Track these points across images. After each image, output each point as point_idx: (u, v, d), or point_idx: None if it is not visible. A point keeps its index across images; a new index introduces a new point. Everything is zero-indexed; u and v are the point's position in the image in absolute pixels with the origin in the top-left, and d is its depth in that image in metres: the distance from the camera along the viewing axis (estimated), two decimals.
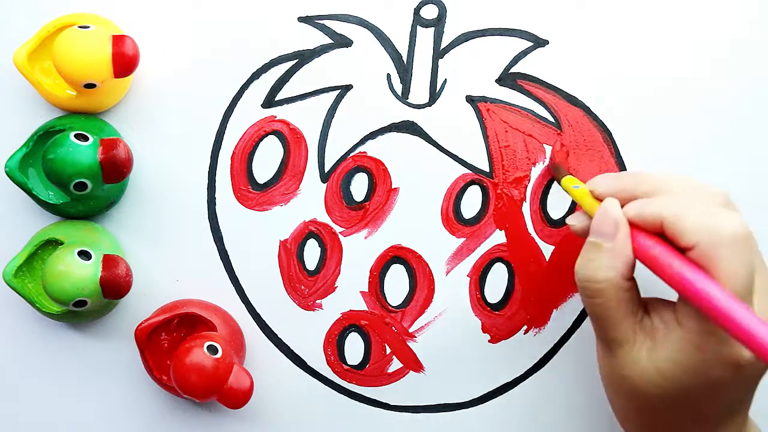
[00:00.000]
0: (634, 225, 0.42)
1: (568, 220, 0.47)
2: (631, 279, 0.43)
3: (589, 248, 0.43)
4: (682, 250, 0.40)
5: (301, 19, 0.54)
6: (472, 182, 0.53)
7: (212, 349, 0.48)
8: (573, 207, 0.53)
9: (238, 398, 0.48)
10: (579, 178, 0.53)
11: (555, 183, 0.53)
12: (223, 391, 0.48)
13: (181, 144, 0.54)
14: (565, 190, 0.49)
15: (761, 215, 0.53)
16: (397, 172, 0.54)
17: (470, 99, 0.53)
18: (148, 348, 0.51)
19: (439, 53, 0.53)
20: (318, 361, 0.54)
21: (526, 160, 0.53)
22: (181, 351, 0.48)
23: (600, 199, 0.44)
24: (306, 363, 0.54)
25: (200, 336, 0.49)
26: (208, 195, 0.54)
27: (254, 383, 0.52)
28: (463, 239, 0.53)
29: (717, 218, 0.38)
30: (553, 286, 0.53)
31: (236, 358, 0.50)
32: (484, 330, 0.53)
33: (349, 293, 0.54)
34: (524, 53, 0.53)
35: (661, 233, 0.41)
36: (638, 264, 0.43)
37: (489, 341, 0.54)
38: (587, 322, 0.53)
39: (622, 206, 0.42)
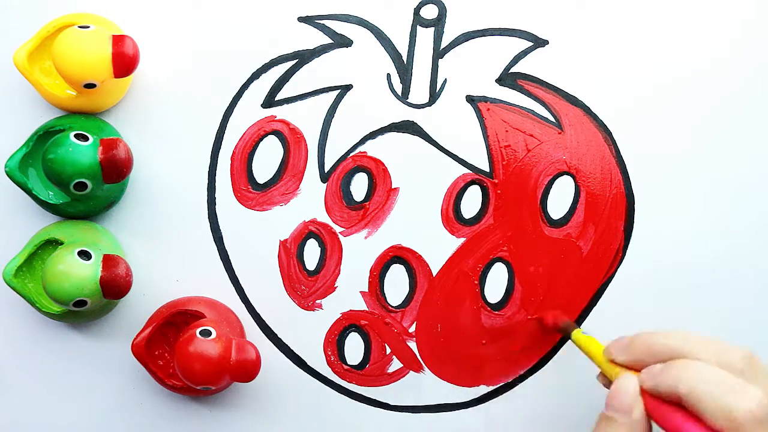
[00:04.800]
0: (651, 394, 0.40)
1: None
2: None
3: (604, 422, 0.41)
4: None
5: (301, 19, 0.54)
6: (473, 182, 0.53)
7: (205, 333, 0.48)
8: (573, 208, 0.53)
9: (247, 369, 0.48)
10: (580, 178, 0.53)
11: (557, 185, 0.53)
12: (231, 367, 0.48)
13: (181, 144, 0.54)
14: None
15: (761, 215, 0.53)
16: (397, 172, 0.54)
17: (470, 99, 0.53)
18: (152, 361, 0.51)
19: (439, 53, 0.53)
20: (318, 361, 0.54)
21: (527, 160, 0.53)
22: (178, 347, 0.48)
23: (614, 363, 0.43)
24: (306, 363, 0.54)
25: (190, 327, 0.49)
26: (208, 195, 0.54)
27: (254, 383, 0.52)
28: (463, 239, 0.53)
29: (733, 399, 0.36)
30: (553, 286, 0.53)
31: (234, 335, 0.50)
32: (484, 330, 0.53)
33: (349, 293, 0.54)
34: (524, 53, 0.53)
35: (677, 402, 0.39)
36: None
37: (489, 341, 0.54)
38: (588, 322, 0.53)
39: (639, 369, 0.41)
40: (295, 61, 0.54)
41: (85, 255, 0.48)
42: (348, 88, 0.54)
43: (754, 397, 0.36)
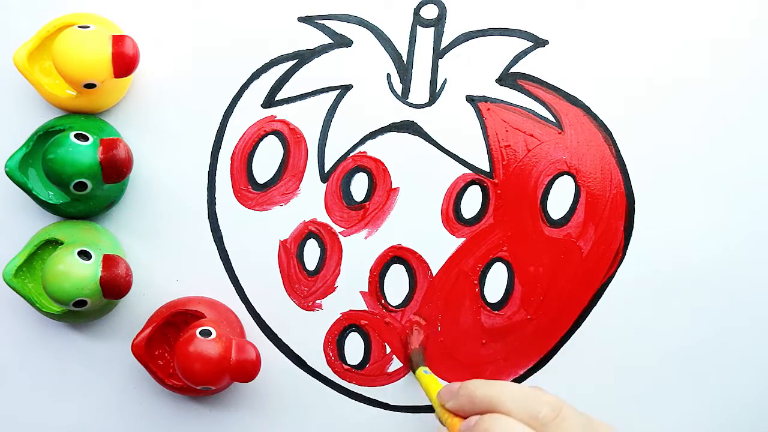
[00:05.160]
0: None
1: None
2: None
3: None
4: None
5: (301, 19, 0.54)
6: (473, 182, 0.53)
7: (205, 333, 0.48)
8: (573, 208, 0.53)
9: (247, 369, 0.48)
10: (580, 178, 0.53)
11: (558, 185, 0.53)
12: (231, 367, 0.48)
13: (181, 144, 0.54)
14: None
15: (761, 215, 0.53)
16: (397, 172, 0.54)
17: (470, 99, 0.53)
18: (152, 361, 0.51)
19: (439, 53, 0.53)
20: (318, 361, 0.54)
21: (527, 160, 0.53)
22: (178, 347, 0.48)
23: (444, 407, 0.45)
24: (306, 363, 0.54)
25: (190, 327, 0.49)
26: (208, 195, 0.54)
27: (254, 383, 0.52)
28: (463, 239, 0.53)
29: None
30: (553, 286, 0.53)
31: (234, 336, 0.50)
32: (484, 330, 0.53)
33: (349, 293, 0.54)
34: (524, 53, 0.53)
35: None
36: None
37: (489, 341, 0.54)
38: (588, 322, 0.53)
39: (465, 417, 0.43)
40: (295, 61, 0.54)
41: (85, 255, 0.48)
42: (348, 88, 0.54)
43: None
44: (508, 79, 0.53)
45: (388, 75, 0.54)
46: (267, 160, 0.54)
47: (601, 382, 0.53)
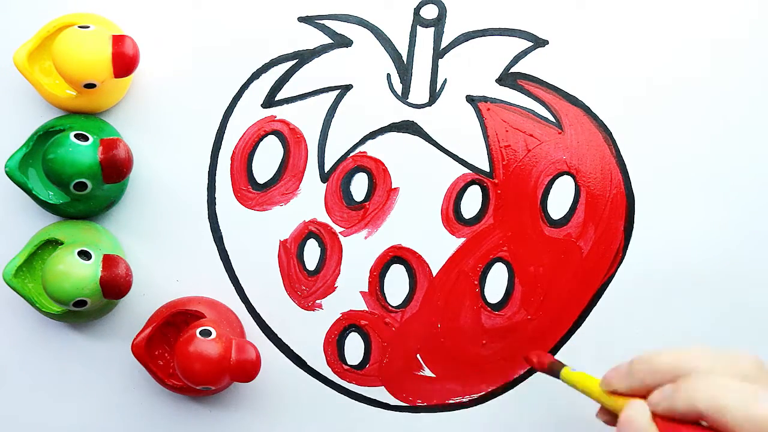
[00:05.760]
0: (665, 417, 0.38)
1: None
2: None
3: None
4: None
5: (301, 19, 0.54)
6: (473, 182, 0.53)
7: (205, 333, 0.48)
8: (573, 208, 0.53)
9: (247, 369, 0.48)
10: (580, 178, 0.53)
11: (558, 185, 0.53)
12: (231, 367, 0.48)
13: (181, 144, 0.54)
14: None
15: (761, 215, 0.53)
16: (397, 172, 0.54)
17: (470, 99, 0.53)
18: (152, 361, 0.51)
19: (439, 53, 0.53)
20: (318, 361, 0.54)
21: (527, 160, 0.53)
22: (178, 347, 0.48)
23: (616, 393, 0.41)
24: (306, 363, 0.54)
25: (190, 327, 0.49)
26: (208, 195, 0.54)
27: (254, 383, 0.52)
28: (463, 239, 0.53)
29: (758, 407, 0.35)
30: (553, 286, 0.53)
31: (234, 336, 0.50)
32: (484, 330, 0.53)
33: (349, 293, 0.54)
34: (524, 53, 0.53)
35: (697, 419, 0.37)
36: None
37: (489, 341, 0.54)
38: (588, 322, 0.53)
39: (644, 396, 0.39)
40: (295, 61, 0.54)
41: (85, 255, 0.48)
42: (348, 88, 0.54)
43: None
44: (508, 79, 0.53)
45: (388, 75, 0.54)
46: (267, 160, 0.54)
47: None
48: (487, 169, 0.53)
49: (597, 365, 0.53)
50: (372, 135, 0.54)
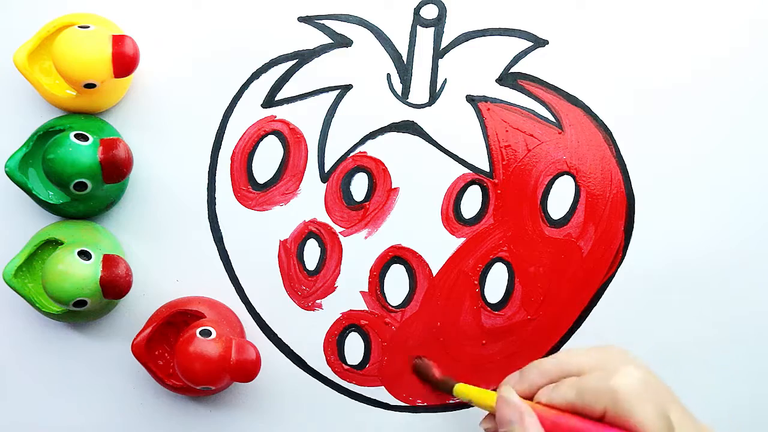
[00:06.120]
0: (549, 408, 0.42)
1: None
2: None
3: None
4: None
5: (301, 19, 0.54)
6: (473, 182, 0.53)
7: (205, 333, 0.48)
8: (574, 208, 0.53)
9: (247, 369, 0.48)
10: (580, 178, 0.53)
11: (558, 185, 0.53)
12: (231, 367, 0.48)
13: (181, 144, 0.54)
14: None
15: (761, 215, 0.53)
16: (397, 172, 0.54)
17: (470, 99, 0.53)
18: (152, 361, 0.51)
19: (439, 53, 0.53)
20: (318, 361, 0.54)
21: (527, 160, 0.53)
22: (178, 347, 0.48)
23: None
24: (306, 363, 0.54)
25: (190, 327, 0.49)
26: (208, 195, 0.54)
27: (254, 383, 0.52)
28: (463, 239, 0.53)
29: (613, 379, 0.39)
30: (553, 286, 0.53)
31: (234, 336, 0.50)
32: (484, 330, 0.53)
33: (349, 293, 0.54)
34: (524, 53, 0.53)
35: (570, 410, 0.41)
36: None
37: (489, 341, 0.54)
38: (588, 322, 0.53)
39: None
40: (295, 61, 0.54)
41: (85, 255, 0.48)
42: (348, 88, 0.54)
43: (632, 372, 0.39)
44: (508, 79, 0.53)
45: (388, 75, 0.54)
46: (267, 160, 0.54)
47: None
48: (487, 169, 0.53)
49: None
50: (372, 135, 0.54)
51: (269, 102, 0.54)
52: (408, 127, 0.54)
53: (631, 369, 0.39)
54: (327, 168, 0.54)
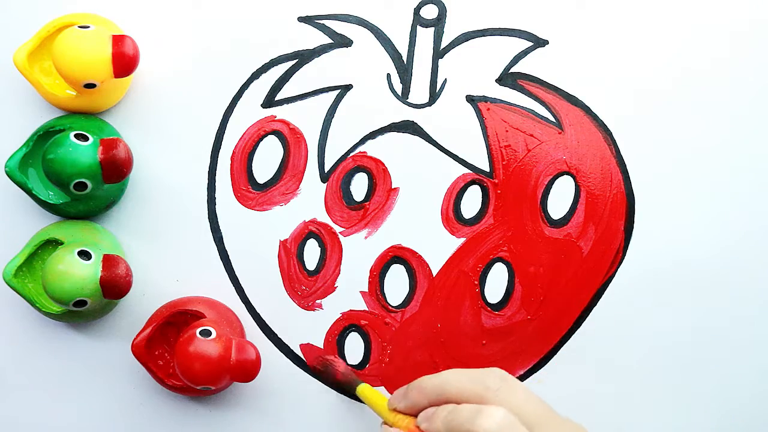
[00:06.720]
0: None
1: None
2: None
3: None
4: None
5: (301, 19, 0.54)
6: (473, 182, 0.53)
7: (205, 333, 0.48)
8: (574, 208, 0.53)
9: (247, 369, 0.48)
10: (580, 178, 0.53)
11: (558, 185, 0.53)
12: (231, 367, 0.48)
13: (181, 144, 0.54)
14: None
15: (761, 214, 0.53)
16: (397, 172, 0.54)
17: (470, 99, 0.53)
18: (152, 361, 0.51)
19: (439, 53, 0.53)
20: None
21: (527, 160, 0.53)
22: (178, 347, 0.48)
23: (396, 411, 0.46)
24: (306, 363, 0.54)
25: (190, 327, 0.49)
26: (208, 195, 0.54)
27: (254, 383, 0.52)
28: (463, 239, 0.53)
29: (477, 419, 0.41)
30: (553, 286, 0.53)
31: (234, 336, 0.50)
32: (485, 330, 0.53)
33: (349, 293, 0.54)
34: (524, 53, 0.53)
35: None
36: None
37: (489, 341, 0.54)
38: (588, 322, 0.53)
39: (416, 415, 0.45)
40: (295, 61, 0.54)
41: (85, 255, 0.48)
42: (348, 88, 0.54)
43: (496, 414, 0.41)
44: (508, 79, 0.53)
45: (388, 75, 0.54)
46: (267, 160, 0.54)
47: (601, 382, 0.53)
48: (487, 169, 0.53)
49: (597, 365, 0.53)
50: (372, 135, 0.54)
51: (269, 102, 0.54)
52: (408, 127, 0.54)
53: (494, 410, 0.41)
54: (327, 168, 0.54)
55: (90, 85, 0.49)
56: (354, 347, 0.54)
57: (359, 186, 0.54)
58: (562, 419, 0.44)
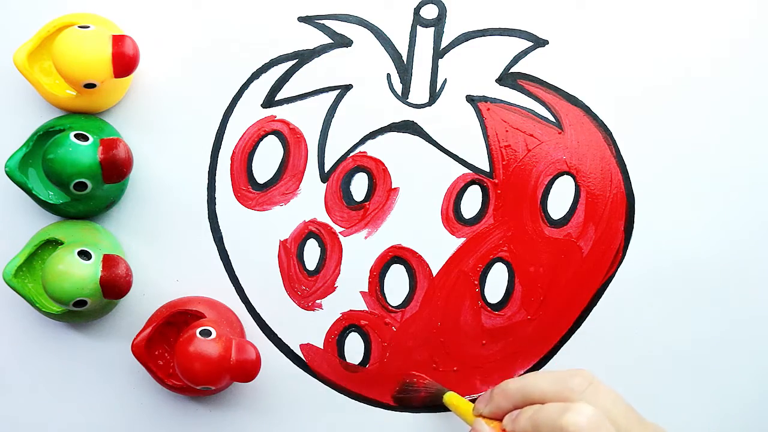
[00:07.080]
0: None
1: None
2: None
3: None
4: None
5: (301, 19, 0.54)
6: (473, 182, 0.53)
7: (205, 333, 0.48)
8: (574, 208, 0.53)
9: (247, 369, 0.48)
10: (580, 178, 0.53)
11: (558, 185, 0.53)
12: (231, 367, 0.48)
13: (181, 144, 0.54)
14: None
15: (761, 214, 0.53)
16: (397, 172, 0.54)
17: (470, 99, 0.53)
18: (152, 361, 0.51)
19: (439, 53, 0.53)
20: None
21: (527, 160, 0.53)
22: (178, 347, 0.48)
23: (482, 416, 0.46)
24: (306, 363, 0.54)
25: (190, 327, 0.49)
26: (208, 195, 0.54)
27: (254, 383, 0.52)
28: (463, 239, 0.53)
29: (565, 416, 0.40)
30: (553, 286, 0.53)
31: (234, 335, 0.50)
32: (485, 330, 0.53)
33: (349, 293, 0.54)
34: (524, 53, 0.53)
35: None
36: None
37: (489, 341, 0.54)
38: (588, 322, 0.53)
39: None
40: (295, 61, 0.54)
41: (85, 255, 0.48)
42: (348, 88, 0.54)
43: (583, 411, 0.40)
44: (508, 79, 0.53)
45: (388, 75, 0.54)
46: (267, 160, 0.54)
47: None
48: (487, 169, 0.53)
49: (597, 365, 0.53)
50: (372, 135, 0.54)
51: (269, 102, 0.54)
52: (408, 127, 0.54)
53: (582, 406, 0.40)
54: (327, 168, 0.54)
55: (90, 85, 0.49)
56: (354, 347, 0.54)
57: (359, 186, 0.54)
58: (649, 424, 0.43)
